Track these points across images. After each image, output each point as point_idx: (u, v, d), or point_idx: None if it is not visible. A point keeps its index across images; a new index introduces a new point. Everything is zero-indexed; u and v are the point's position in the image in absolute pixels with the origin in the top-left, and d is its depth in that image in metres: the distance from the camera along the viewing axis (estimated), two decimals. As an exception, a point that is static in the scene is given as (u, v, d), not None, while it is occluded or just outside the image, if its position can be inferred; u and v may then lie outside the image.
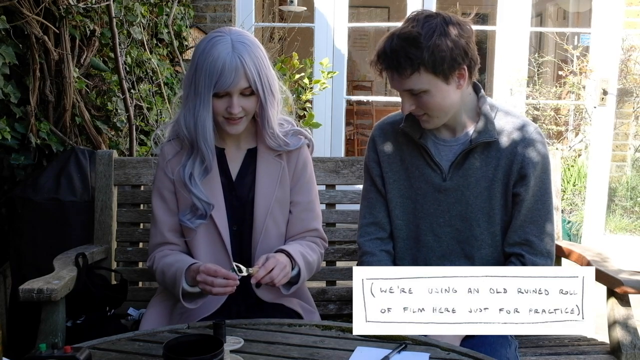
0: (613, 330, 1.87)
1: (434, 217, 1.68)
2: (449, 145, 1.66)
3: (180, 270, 1.59)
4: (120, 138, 2.87)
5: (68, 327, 1.82)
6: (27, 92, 2.42)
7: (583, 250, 2.12)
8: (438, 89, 1.53)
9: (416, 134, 1.66)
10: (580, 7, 6.46)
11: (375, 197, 1.76)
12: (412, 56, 1.48)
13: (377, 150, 1.75)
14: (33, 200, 2.28)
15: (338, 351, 1.35)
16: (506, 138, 1.63)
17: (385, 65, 1.54)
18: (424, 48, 1.47)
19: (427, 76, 1.50)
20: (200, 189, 1.67)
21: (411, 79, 1.51)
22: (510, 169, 1.62)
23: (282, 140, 1.73)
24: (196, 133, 1.63)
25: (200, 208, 1.67)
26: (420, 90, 1.53)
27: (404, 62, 1.49)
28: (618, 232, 4.15)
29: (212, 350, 1.13)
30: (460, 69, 1.53)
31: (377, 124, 1.79)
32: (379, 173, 1.75)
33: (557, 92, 4.58)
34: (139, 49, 3.09)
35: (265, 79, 1.60)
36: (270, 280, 1.52)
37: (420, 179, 1.68)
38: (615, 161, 4.40)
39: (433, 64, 1.48)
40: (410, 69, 1.49)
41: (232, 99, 1.59)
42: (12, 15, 2.31)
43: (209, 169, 1.68)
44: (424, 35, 1.48)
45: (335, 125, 4.49)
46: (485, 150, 1.63)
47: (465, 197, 1.65)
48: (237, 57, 1.55)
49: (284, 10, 6.65)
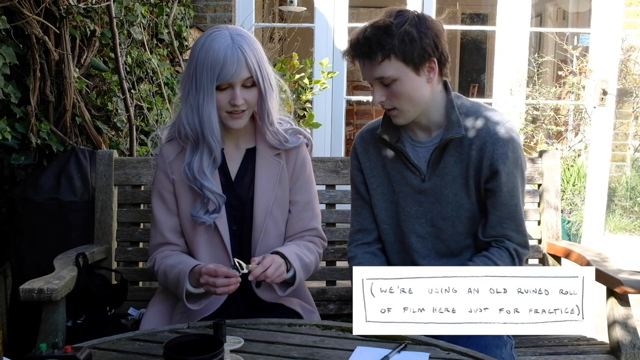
0: (613, 330, 1.87)
1: (416, 218, 1.69)
2: (425, 146, 1.68)
3: (184, 273, 1.60)
4: (120, 138, 2.88)
5: (68, 326, 1.82)
6: (27, 92, 2.42)
7: (583, 250, 2.13)
8: (408, 78, 1.55)
9: (393, 138, 1.68)
10: (580, 8, 6.46)
11: (360, 204, 1.79)
12: (384, 42, 1.51)
13: (359, 159, 1.77)
14: (33, 200, 2.28)
15: (338, 351, 1.35)
16: (475, 134, 1.63)
17: (357, 52, 1.56)
18: (395, 35, 1.51)
19: (398, 63, 1.53)
20: (212, 182, 1.67)
21: (382, 66, 1.53)
22: (481, 164, 1.62)
23: (282, 136, 1.73)
24: (202, 127, 1.63)
25: (214, 201, 1.67)
26: (391, 79, 1.55)
27: (376, 48, 1.52)
28: (618, 232, 4.15)
29: (212, 350, 1.14)
30: (431, 61, 1.56)
31: (358, 133, 1.82)
32: (362, 180, 1.77)
33: (556, 92, 4.58)
34: (139, 49, 3.09)
35: (264, 71, 1.63)
36: (265, 277, 1.53)
37: (401, 182, 1.70)
38: (614, 161, 4.40)
39: (403, 52, 1.52)
40: (381, 55, 1.52)
41: (235, 91, 1.60)
42: (12, 15, 2.31)
43: (218, 161, 1.69)
44: (396, 24, 1.52)
45: (335, 125, 4.49)
46: (457, 147, 1.64)
47: (444, 196, 1.66)
48: (238, 48, 1.57)
49: (284, 11, 6.65)
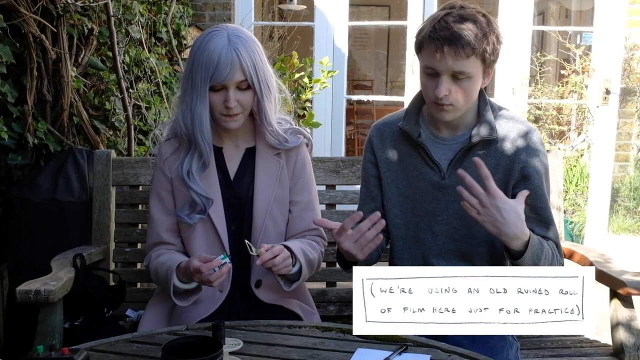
0: (616, 331, 1.85)
1: (433, 215, 1.68)
2: (447, 144, 1.66)
3: (171, 269, 1.59)
4: (118, 138, 2.86)
5: (66, 328, 1.81)
6: (24, 92, 2.41)
7: (586, 251, 2.11)
8: (478, 78, 1.56)
9: (415, 133, 1.66)
10: (583, 6, 6.44)
11: (365, 199, 1.78)
12: (480, 41, 1.50)
13: (374, 152, 1.75)
14: (30, 201, 2.26)
15: (338, 353, 1.34)
16: (509, 143, 1.62)
17: (447, 41, 1.50)
18: (489, 36, 1.51)
19: (478, 63, 1.53)
20: (198, 184, 1.67)
21: (467, 62, 1.51)
22: (512, 168, 1.61)
23: (281, 136, 1.72)
24: (193, 127, 1.63)
25: (199, 203, 1.67)
26: (466, 75, 1.53)
27: (473, 43, 1.49)
28: (621, 232, 4.13)
29: (211, 352, 1.13)
30: (493, 67, 1.58)
31: (374, 125, 1.80)
32: (374, 174, 1.75)
33: (559, 91, 4.56)
34: (138, 48, 3.08)
35: (261, 73, 1.61)
36: (272, 265, 1.52)
37: (419, 177, 1.68)
38: (618, 161, 4.38)
39: (488, 54, 1.52)
40: (472, 52, 1.50)
41: (229, 93, 1.59)
42: (9, 13, 2.29)
43: (207, 164, 1.68)
44: (486, 22, 1.52)
45: (335, 125, 4.48)
46: (484, 148, 1.62)
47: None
48: (233, 50, 1.56)
49: (284, 9, 6.63)
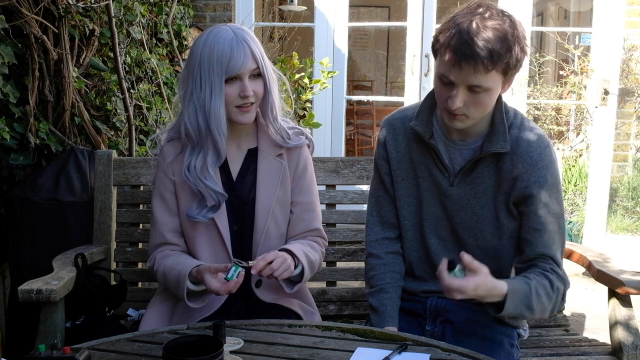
0: (614, 331, 1.86)
1: (438, 220, 1.63)
2: (459, 149, 1.58)
3: (183, 274, 1.59)
4: (119, 138, 2.87)
5: (67, 327, 1.82)
6: (26, 92, 2.42)
7: (584, 250, 2.12)
8: (496, 90, 1.44)
9: (427, 134, 1.59)
10: (582, 7, 6.45)
11: (383, 195, 1.71)
12: (501, 57, 1.37)
13: (386, 148, 1.68)
14: (32, 201, 2.27)
15: (338, 352, 1.34)
16: (519, 158, 1.53)
17: (464, 57, 1.37)
18: (512, 50, 1.38)
19: (497, 76, 1.41)
20: (214, 180, 1.66)
21: (486, 76, 1.39)
22: (514, 185, 1.53)
23: (285, 132, 1.73)
24: (208, 123, 1.62)
25: (214, 200, 1.66)
26: (484, 89, 1.41)
27: (494, 59, 1.36)
28: (619, 232, 4.14)
29: (211, 351, 1.13)
30: (515, 75, 1.46)
31: (387, 119, 1.71)
32: (387, 171, 1.69)
33: (558, 92, 4.57)
34: (139, 49, 3.08)
35: (267, 63, 1.65)
36: (271, 272, 1.52)
37: (428, 179, 1.63)
38: (616, 161, 4.39)
39: (509, 68, 1.41)
40: (492, 67, 1.38)
41: (244, 82, 1.61)
42: (11, 14, 2.30)
43: (222, 158, 1.68)
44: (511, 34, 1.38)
45: (335, 125, 4.49)
46: (495, 159, 1.55)
47: (471, 206, 1.58)
48: (243, 40, 1.60)
49: (284, 10, 6.63)
